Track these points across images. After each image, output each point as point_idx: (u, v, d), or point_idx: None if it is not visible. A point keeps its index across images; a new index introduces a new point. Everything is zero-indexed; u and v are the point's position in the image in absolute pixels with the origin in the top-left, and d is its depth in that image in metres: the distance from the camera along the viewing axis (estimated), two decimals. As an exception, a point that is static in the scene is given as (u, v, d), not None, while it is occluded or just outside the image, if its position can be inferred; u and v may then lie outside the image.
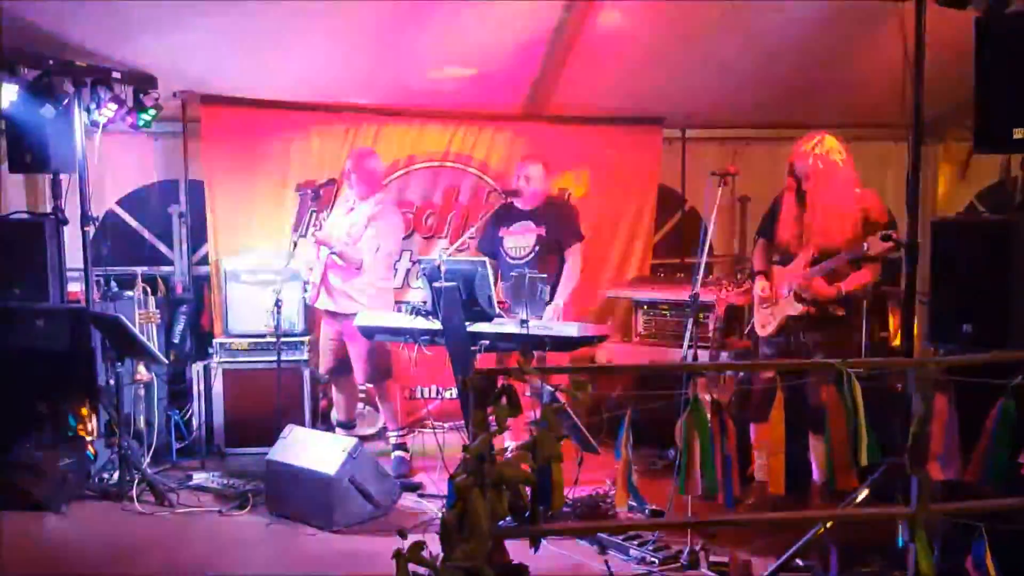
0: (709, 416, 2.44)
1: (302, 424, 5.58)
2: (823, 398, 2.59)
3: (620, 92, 6.48)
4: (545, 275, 4.90)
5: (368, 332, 5.11)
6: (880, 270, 4.18)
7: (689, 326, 3.86)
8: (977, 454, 2.58)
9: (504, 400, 2.21)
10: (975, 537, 2.60)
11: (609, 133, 6.84)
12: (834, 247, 4.08)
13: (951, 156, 7.18)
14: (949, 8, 3.62)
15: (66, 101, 5.29)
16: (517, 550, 2.33)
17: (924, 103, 3.46)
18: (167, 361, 5.70)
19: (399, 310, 5.43)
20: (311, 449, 4.76)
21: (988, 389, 2.57)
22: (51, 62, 5.24)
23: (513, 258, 5.39)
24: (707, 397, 2.51)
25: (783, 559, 3.52)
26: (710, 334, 4.76)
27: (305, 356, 5.99)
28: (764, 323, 4.29)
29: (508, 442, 4.68)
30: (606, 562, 3.09)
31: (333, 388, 5.83)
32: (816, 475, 4.06)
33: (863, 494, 3.34)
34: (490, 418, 2.23)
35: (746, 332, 4.15)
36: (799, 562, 3.62)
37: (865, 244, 3.87)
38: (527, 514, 2.26)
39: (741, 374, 4.34)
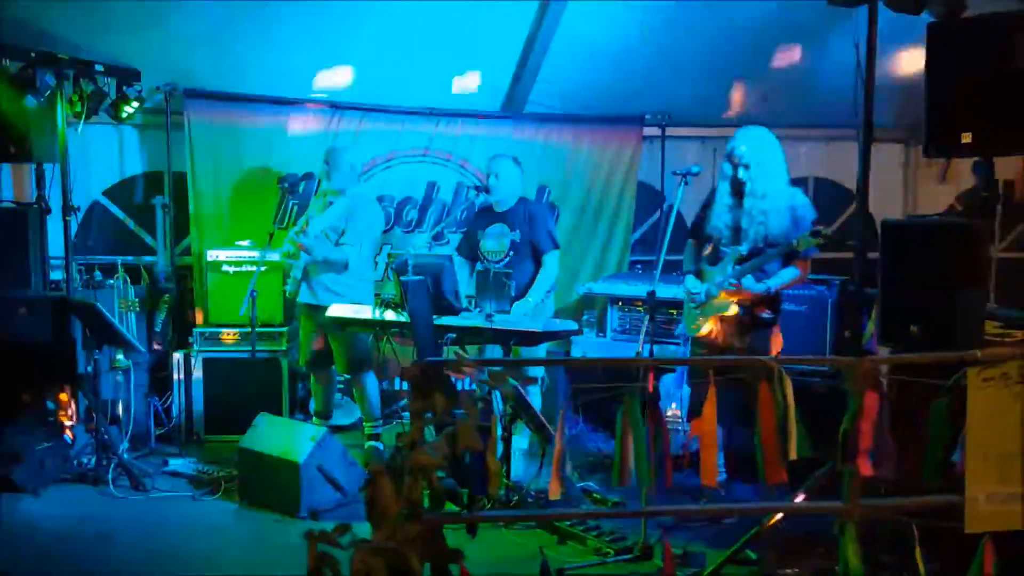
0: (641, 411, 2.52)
1: (280, 413, 5.67)
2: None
3: (600, 90, 6.57)
4: (511, 270, 4.96)
5: (339, 324, 5.18)
6: (809, 269, 4.22)
7: (645, 322, 3.93)
8: (913, 453, 2.66)
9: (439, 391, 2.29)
10: (905, 533, 2.69)
11: (589, 131, 6.92)
12: (766, 241, 4.13)
13: (932, 160, 7.24)
14: (901, 13, 3.67)
15: (48, 93, 5.37)
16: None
17: (872, 106, 3.53)
18: (143, 349, 5.77)
19: (378, 303, 5.50)
20: (281, 437, 4.83)
21: (931, 389, 2.64)
22: (34, 54, 5.32)
23: (490, 261, 5.41)
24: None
25: (730, 551, 3.61)
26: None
27: (284, 347, 6.07)
28: (694, 323, 4.34)
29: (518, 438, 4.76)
30: (541, 550, 3.16)
31: (312, 378, 5.90)
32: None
33: (807, 488, 3.42)
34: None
35: (675, 333, 4.18)
36: (750, 554, 3.71)
37: (794, 239, 3.92)
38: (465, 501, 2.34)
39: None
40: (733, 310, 4.15)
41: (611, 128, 6.94)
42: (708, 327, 4.20)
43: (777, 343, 4.22)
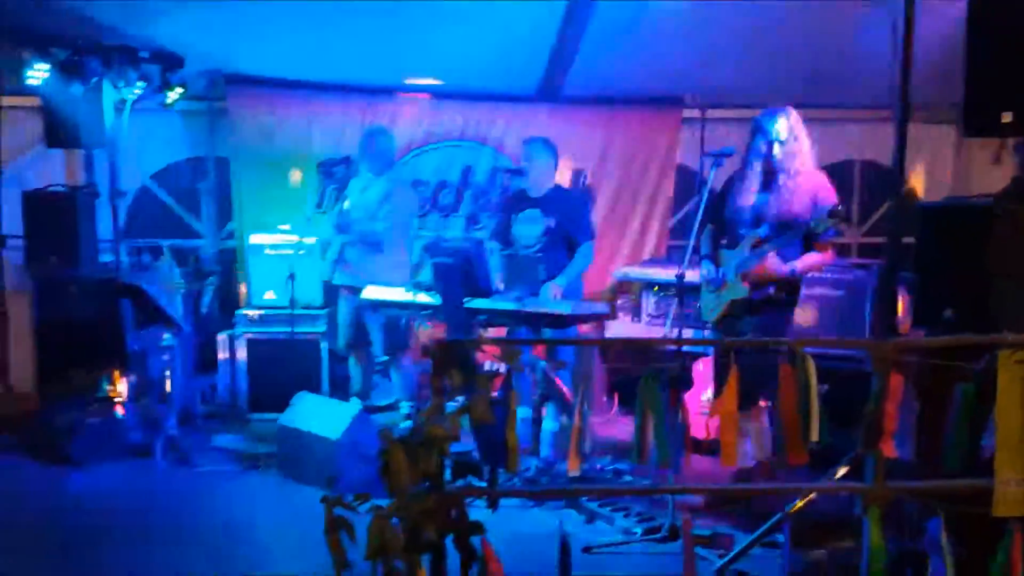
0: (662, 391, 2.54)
1: (319, 393, 5.78)
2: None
3: (638, 73, 6.52)
4: (541, 254, 4.97)
5: (374, 306, 5.27)
6: (832, 253, 4.16)
7: (674, 305, 3.93)
8: (938, 437, 2.64)
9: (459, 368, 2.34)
10: (932, 516, 2.67)
11: (627, 114, 6.91)
12: (786, 223, 4.09)
13: (985, 140, 7.06)
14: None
15: (95, 80, 5.53)
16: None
17: (908, 85, 3.46)
18: (187, 328, 5.92)
19: (413, 286, 5.57)
20: (318, 414, 4.97)
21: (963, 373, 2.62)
22: (80, 42, 5.48)
23: (523, 246, 5.35)
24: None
25: (757, 534, 3.61)
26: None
27: (323, 328, 6.18)
28: (711, 307, 4.31)
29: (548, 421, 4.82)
30: (560, 524, 3.18)
31: (351, 359, 6.01)
32: (750, 456, 4.16)
33: (842, 472, 3.41)
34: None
35: (693, 316, 4.14)
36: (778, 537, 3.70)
37: (812, 221, 3.89)
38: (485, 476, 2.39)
39: None
40: (746, 293, 4.12)
41: (649, 111, 6.91)
42: (723, 311, 4.17)
43: (790, 325, 4.19)
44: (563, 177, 6.08)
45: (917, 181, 7.20)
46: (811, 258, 4.16)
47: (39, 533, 4.37)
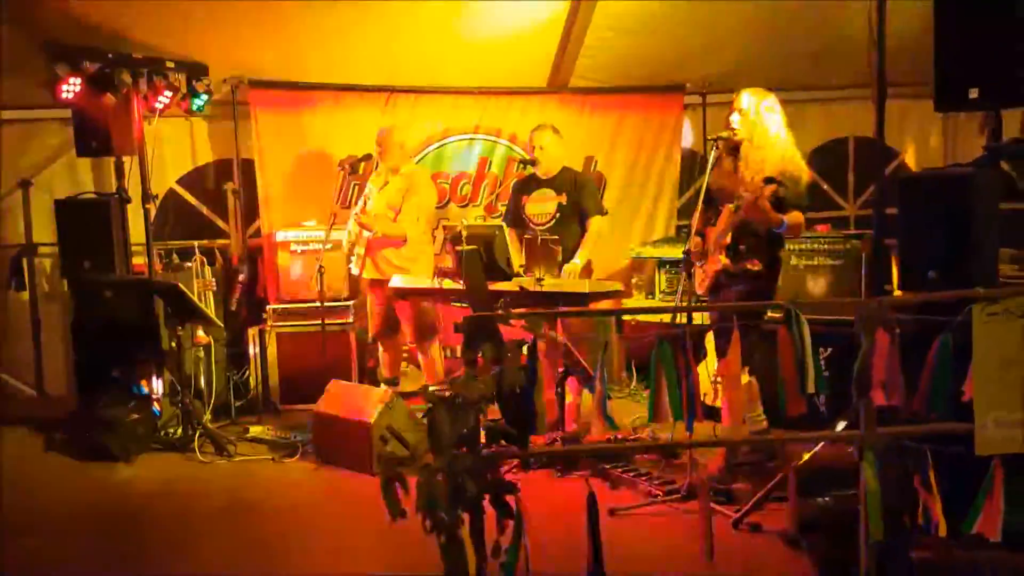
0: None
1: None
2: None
3: (641, 61, 6.78)
4: (557, 236, 5.23)
5: (401, 294, 5.54)
6: (800, 218, 4.31)
7: (682, 279, 4.18)
8: (922, 385, 2.89)
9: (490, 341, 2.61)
10: (921, 458, 2.93)
11: (632, 101, 7.16)
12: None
13: (970, 113, 7.27)
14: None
15: (125, 90, 5.80)
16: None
17: (884, 63, 3.72)
18: (222, 324, 6.17)
19: (437, 274, 5.82)
20: (352, 401, 5.20)
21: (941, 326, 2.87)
22: (110, 56, 5.76)
23: (536, 224, 5.62)
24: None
25: (767, 488, 3.89)
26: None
27: (351, 320, 6.44)
28: (700, 280, 4.52)
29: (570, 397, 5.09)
30: (586, 480, 3.40)
31: (380, 348, 6.27)
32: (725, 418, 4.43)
33: (841, 425, 3.67)
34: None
35: (682, 290, 4.34)
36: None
37: (764, 189, 4.08)
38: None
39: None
40: (725, 263, 4.32)
41: (653, 98, 7.17)
42: (709, 282, 4.41)
43: (769, 294, 4.39)
44: (575, 163, 6.31)
45: (908, 154, 7.44)
46: (794, 219, 4.29)
47: (89, 523, 4.60)
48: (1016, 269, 3.90)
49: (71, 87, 5.72)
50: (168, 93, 6.00)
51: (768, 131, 4.36)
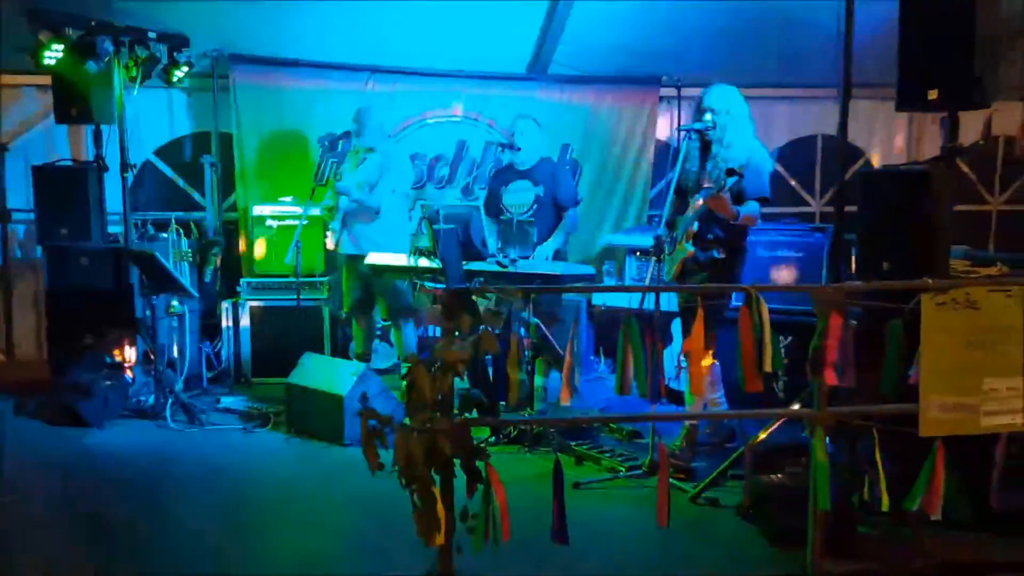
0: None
1: (321, 357, 6.13)
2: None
3: (620, 53, 6.92)
4: (533, 219, 5.37)
5: (377, 271, 5.63)
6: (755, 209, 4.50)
7: (651, 265, 4.33)
8: (872, 368, 3.06)
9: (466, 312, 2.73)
10: (867, 437, 3.11)
11: (609, 91, 7.29)
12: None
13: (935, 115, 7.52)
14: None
15: (107, 59, 5.82)
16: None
17: (850, 65, 3.90)
18: (197, 295, 6.24)
19: (414, 252, 5.92)
20: (325, 373, 5.30)
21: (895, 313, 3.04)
22: (93, 23, 5.77)
23: (514, 214, 5.63)
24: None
25: (724, 465, 4.07)
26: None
27: (325, 295, 6.54)
28: (667, 268, 4.63)
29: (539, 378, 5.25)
30: (553, 449, 3.46)
31: (353, 323, 6.36)
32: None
33: (796, 406, 3.86)
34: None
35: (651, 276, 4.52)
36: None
37: (724, 181, 4.26)
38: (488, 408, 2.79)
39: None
40: (690, 252, 4.49)
41: (630, 89, 7.31)
42: (677, 269, 4.58)
43: (732, 279, 4.55)
44: (551, 151, 6.44)
45: (874, 152, 7.67)
46: (749, 212, 4.47)
47: (59, 486, 4.64)
48: (969, 265, 4.10)
49: (54, 53, 5.73)
50: (149, 64, 6.02)
51: (736, 126, 4.53)
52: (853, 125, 7.17)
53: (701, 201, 4.39)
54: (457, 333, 2.69)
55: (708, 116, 4.52)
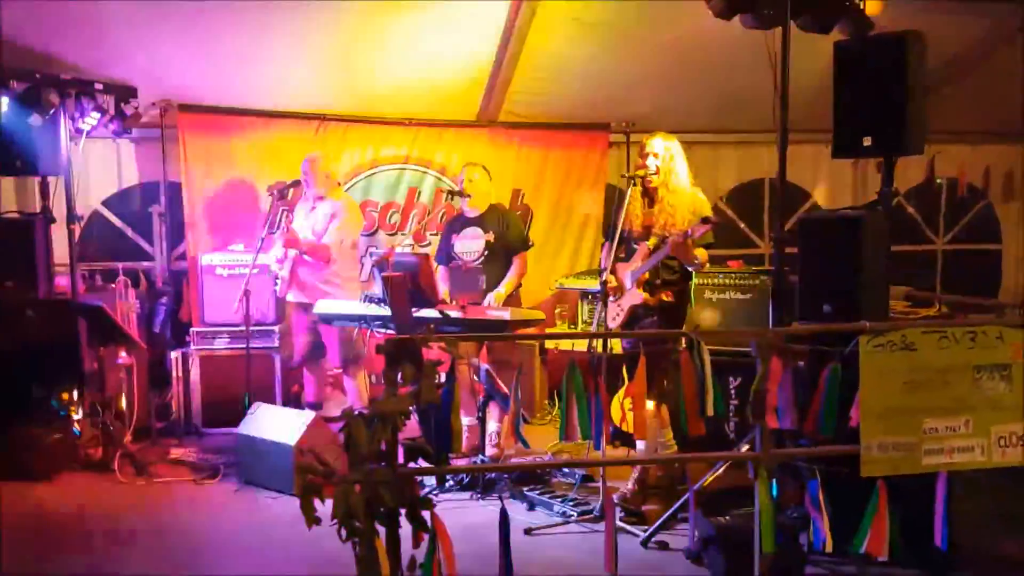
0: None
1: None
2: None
3: (568, 100, 7.03)
4: (482, 265, 5.40)
5: (326, 319, 5.61)
6: (706, 254, 4.64)
7: (598, 309, 4.38)
8: (813, 410, 3.11)
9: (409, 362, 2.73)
10: (811, 478, 3.15)
11: (560, 137, 7.40)
12: (670, 233, 4.54)
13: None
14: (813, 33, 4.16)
15: (52, 111, 5.79)
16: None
17: (787, 113, 4.02)
18: (144, 346, 6.16)
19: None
20: (274, 423, 5.26)
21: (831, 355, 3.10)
22: (39, 76, 5.76)
23: (465, 263, 5.72)
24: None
25: (673, 508, 4.09)
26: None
27: (276, 344, 6.48)
28: (614, 315, 4.73)
29: (491, 423, 5.26)
30: (500, 497, 3.39)
31: (304, 372, 6.32)
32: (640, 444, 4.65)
33: (744, 447, 3.89)
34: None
35: (597, 321, 4.58)
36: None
37: (689, 230, 4.36)
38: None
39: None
40: (642, 299, 4.58)
41: (579, 134, 7.42)
42: (623, 318, 4.64)
43: (681, 322, 4.67)
44: (503, 196, 6.49)
45: (820, 194, 7.84)
46: (704, 257, 4.62)
47: (5, 541, 4.40)
48: (908, 305, 4.20)
49: (-2, 106, 5.69)
50: (96, 115, 5.99)
51: (679, 174, 4.63)
52: (798, 168, 7.43)
53: (651, 244, 4.46)
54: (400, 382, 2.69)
55: (650, 160, 4.61)
